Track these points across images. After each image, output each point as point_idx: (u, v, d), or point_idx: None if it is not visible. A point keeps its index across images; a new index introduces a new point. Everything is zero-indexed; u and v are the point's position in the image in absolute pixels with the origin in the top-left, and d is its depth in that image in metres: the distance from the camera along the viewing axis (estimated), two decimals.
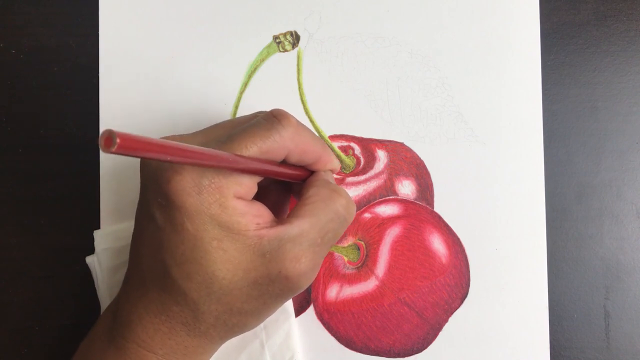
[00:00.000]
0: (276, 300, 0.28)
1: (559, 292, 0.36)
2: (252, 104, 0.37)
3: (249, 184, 0.27)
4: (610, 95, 0.37)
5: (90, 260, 0.36)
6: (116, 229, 0.36)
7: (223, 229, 0.26)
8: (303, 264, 0.27)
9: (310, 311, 0.36)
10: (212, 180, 0.26)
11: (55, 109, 0.37)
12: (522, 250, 0.36)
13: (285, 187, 0.33)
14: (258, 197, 0.29)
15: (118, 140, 0.18)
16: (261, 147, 0.27)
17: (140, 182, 0.28)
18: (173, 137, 0.28)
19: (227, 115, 0.37)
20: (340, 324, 0.36)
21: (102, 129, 0.37)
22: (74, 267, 0.36)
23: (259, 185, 0.29)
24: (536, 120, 0.37)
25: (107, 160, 0.37)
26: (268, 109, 0.37)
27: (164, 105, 0.37)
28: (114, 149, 0.18)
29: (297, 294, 0.29)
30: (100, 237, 0.36)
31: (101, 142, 0.18)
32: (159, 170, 0.26)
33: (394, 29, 0.37)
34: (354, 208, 0.30)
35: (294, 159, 0.29)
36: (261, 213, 0.27)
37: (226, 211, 0.26)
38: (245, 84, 0.37)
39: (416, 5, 0.37)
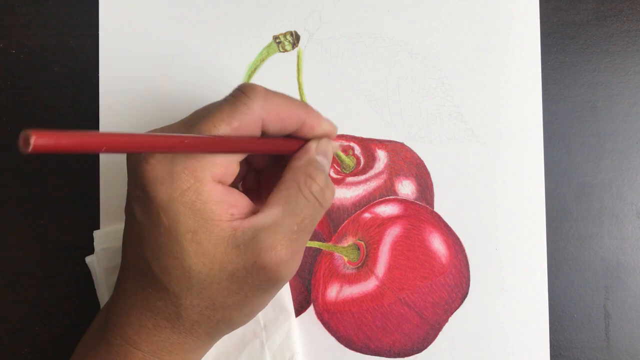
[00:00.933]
0: (259, 292, 0.27)
1: (559, 292, 0.36)
2: None
3: (226, 163, 0.26)
4: (610, 95, 0.37)
5: (89, 260, 0.36)
6: (116, 229, 0.36)
7: (197, 218, 0.25)
8: (279, 252, 0.26)
9: (310, 311, 0.36)
10: (185, 166, 0.25)
11: (55, 109, 0.37)
12: (522, 250, 0.36)
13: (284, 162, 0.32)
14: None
15: (33, 138, 0.18)
16: (231, 123, 0.25)
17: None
18: (153, 130, 0.28)
19: None
20: (340, 324, 0.36)
21: (102, 129, 0.37)
22: (74, 267, 0.36)
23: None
24: (536, 120, 0.37)
25: (107, 161, 0.37)
26: None
27: (163, 105, 0.37)
28: (29, 149, 0.18)
29: (282, 285, 0.28)
30: (100, 237, 0.36)
31: (20, 143, 0.18)
32: (135, 162, 0.26)
33: (394, 29, 0.37)
34: (331, 193, 0.29)
35: (274, 128, 0.27)
36: (237, 203, 0.26)
37: (201, 197, 0.25)
38: None
39: (416, 5, 0.37)
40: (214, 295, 0.26)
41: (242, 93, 0.27)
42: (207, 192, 0.25)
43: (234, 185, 0.32)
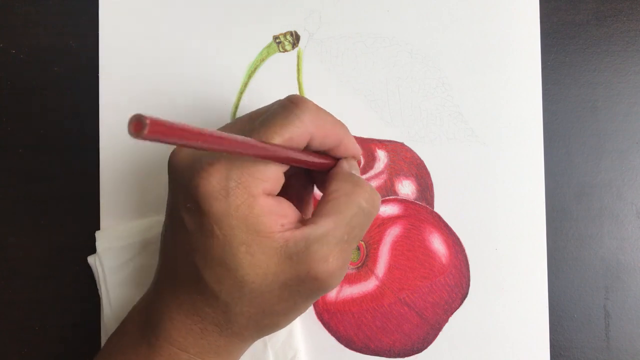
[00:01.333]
0: (307, 300, 0.28)
1: (559, 292, 0.36)
2: (252, 104, 0.37)
3: (276, 176, 0.27)
4: (610, 95, 0.37)
5: (92, 260, 0.36)
6: (117, 229, 0.36)
7: (250, 232, 0.26)
8: (331, 264, 0.27)
9: (311, 311, 0.36)
10: (239, 181, 0.26)
11: (55, 109, 0.37)
12: (522, 250, 0.36)
13: (307, 179, 0.33)
14: (281, 192, 0.29)
15: (148, 122, 0.18)
16: (283, 135, 0.26)
17: (169, 183, 0.29)
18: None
19: (227, 115, 0.37)
20: (340, 324, 0.36)
21: (102, 129, 0.37)
22: (74, 267, 0.36)
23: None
24: (536, 120, 0.37)
25: (107, 160, 0.37)
26: None
27: (163, 105, 0.37)
28: (145, 134, 0.18)
29: (327, 292, 0.29)
30: (102, 237, 0.36)
31: (130, 127, 0.18)
32: (187, 174, 0.26)
33: (394, 29, 0.37)
34: (379, 200, 0.29)
35: (316, 143, 0.28)
36: (286, 212, 0.27)
37: (254, 211, 0.26)
38: (245, 84, 0.37)
39: (416, 5, 0.37)
40: (265, 303, 0.27)
41: (295, 105, 0.27)
42: (259, 206, 0.26)
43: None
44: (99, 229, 0.36)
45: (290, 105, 0.27)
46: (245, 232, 0.26)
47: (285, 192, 0.29)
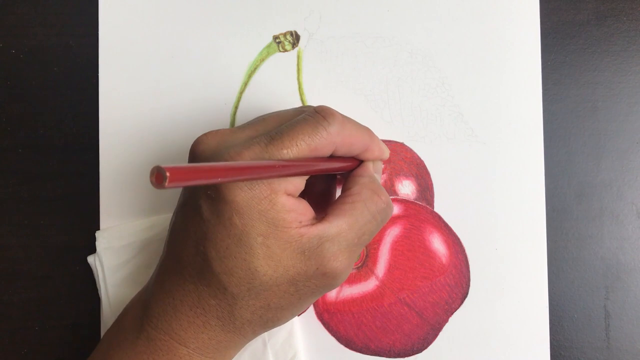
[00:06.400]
0: (311, 296, 0.29)
1: (559, 292, 0.36)
2: (252, 104, 0.37)
3: (298, 181, 0.28)
4: (610, 95, 0.37)
5: (91, 260, 0.36)
6: (117, 229, 0.36)
7: (269, 225, 0.27)
8: (340, 263, 0.28)
9: (311, 311, 0.36)
10: None
11: (55, 109, 0.37)
12: (522, 250, 0.36)
13: (331, 175, 0.33)
14: (306, 188, 0.29)
15: (168, 174, 0.19)
16: (309, 144, 0.27)
17: None
18: (217, 132, 0.29)
19: (227, 116, 0.37)
20: (340, 324, 0.36)
21: (102, 129, 0.37)
22: (74, 267, 0.36)
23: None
24: (536, 120, 0.37)
25: (107, 160, 0.37)
26: (268, 109, 0.37)
27: (163, 105, 0.37)
28: (166, 184, 0.18)
29: (330, 290, 0.30)
30: (102, 237, 0.36)
31: (152, 179, 0.19)
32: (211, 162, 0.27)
33: (394, 29, 0.37)
34: (392, 211, 0.31)
35: (341, 151, 0.29)
36: (304, 211, 0.28)
37: (275, 207, 0.26)
38: (245, 84, 0.37)
39: (416, 5, 0.37)
40: (271, 296, 0.28)
41: (322, 117, 0.28)
42: (281, 203, 0.27)
43: None
44: (99, 229, 0.36)
45: (317, 117, 0.28)
46: (265, 225, 0.26)
47: (311, 189, 0.29)
